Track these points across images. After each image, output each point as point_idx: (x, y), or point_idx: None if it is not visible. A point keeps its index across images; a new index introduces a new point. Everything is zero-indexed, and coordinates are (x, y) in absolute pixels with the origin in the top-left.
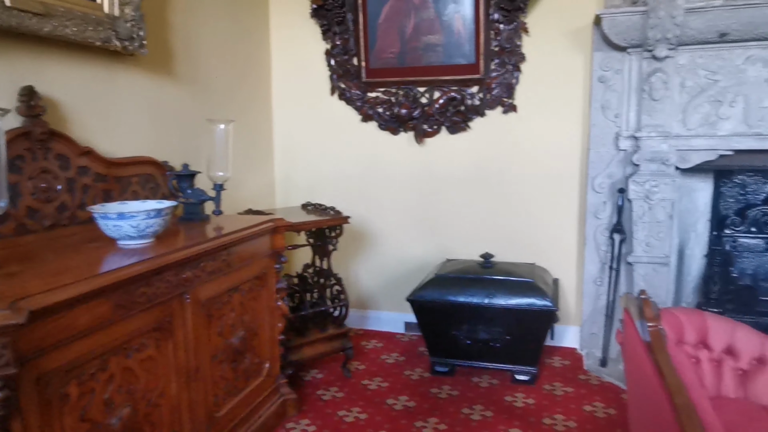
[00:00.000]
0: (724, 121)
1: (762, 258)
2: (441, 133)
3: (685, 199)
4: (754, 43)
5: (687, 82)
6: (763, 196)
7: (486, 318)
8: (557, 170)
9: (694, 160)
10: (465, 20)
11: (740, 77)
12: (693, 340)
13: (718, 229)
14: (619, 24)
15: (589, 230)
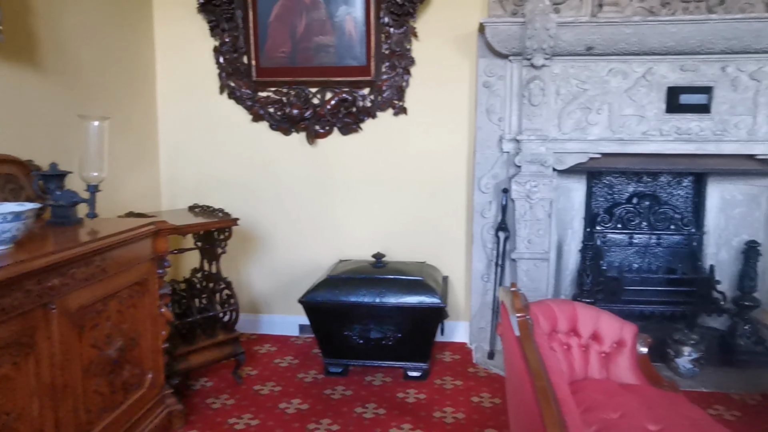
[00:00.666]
0: (592, 127)
1: (626, 251)
2: (333, 134)
3: (563, 199)
4: (615, 57)
5: (561, 90)
6: (627, 195)
7: (378, 317)
8: (446, 171)
9: (569, 162)
10: (356, 22)
11: (605, 87)
12: (565, 329)
13: (590, 225)
14: (501, 33)
15: (476, 229)
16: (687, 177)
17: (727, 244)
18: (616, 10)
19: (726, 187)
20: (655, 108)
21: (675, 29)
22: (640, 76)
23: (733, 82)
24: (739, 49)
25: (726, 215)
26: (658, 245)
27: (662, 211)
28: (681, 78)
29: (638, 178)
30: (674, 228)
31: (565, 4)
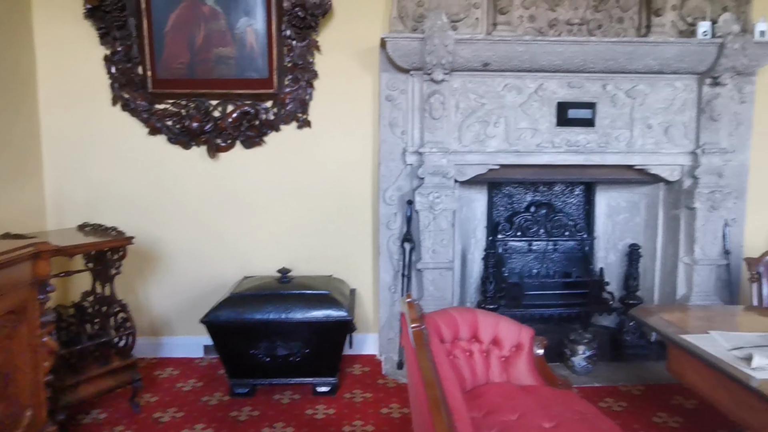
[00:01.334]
0: (490, 139)
1: (526, 258)
2: (236, 147)
3: (466, 209)
4: (510, 73)
5: (461, 104)
6: (525, 204)
7: (284, 333)
8: (351, 184)
9: (470, 173)
10: (258, 35)
11: (501, 101)
12: (467, 336)
13: (492, 234)
14: (402, 48)
15: (382, 240)
16: (578, 186)
17: (614, 248)
18: (509, 29)
19: (612, 195)
20: (547, 122)
21: (561, 49)
22: (532, 91)
23: (612, 98)
24: (616, 68)
25: (612, 221)
26: (554, 251)
27: (557, 219)
28: (569, 94)
29: (535, 187)
30: (568, 234)
31: (463, 22)
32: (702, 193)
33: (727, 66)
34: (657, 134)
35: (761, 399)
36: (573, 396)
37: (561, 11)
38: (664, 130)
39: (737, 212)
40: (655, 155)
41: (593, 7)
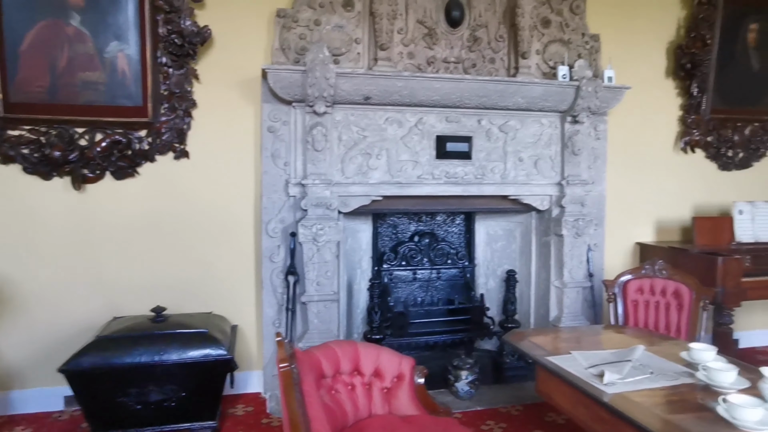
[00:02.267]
0: (373, 171)
1: (411, 287)
2: (105, 178)
3: (351, 239)
4: (390, 107)
5: (343, 136)
6: (409, 234)
7: (158, 377)
8: (232, 216)
9: (353, 204)
10: (130, 60)
11: (382, 134)
12: (349, 369)
13: (378, 264)
14: (283, 80)
15: (265, 274)
16: (459, 215)
17: (494, 274)
18: (390, 65)
19: (490, 224)
20: (427, 154)
21: (438, 85)
22: (413, 125)
23: (487, 133)
24: (489, 105)
25: (491, 248)
26: (438, 279)
27: (440, 248)
28: (447, 128)
29: (418, 217)
30: (451, 262)
31: (344, 56)
32: (568, 221)
33: (584, 106)
34: (528, 167)
35: (612, 413)
36: (453, 423)
37: (438, 50)
38: (534, 163)
39: (598, 238)
40: (526, 186)
41: (467, 47)
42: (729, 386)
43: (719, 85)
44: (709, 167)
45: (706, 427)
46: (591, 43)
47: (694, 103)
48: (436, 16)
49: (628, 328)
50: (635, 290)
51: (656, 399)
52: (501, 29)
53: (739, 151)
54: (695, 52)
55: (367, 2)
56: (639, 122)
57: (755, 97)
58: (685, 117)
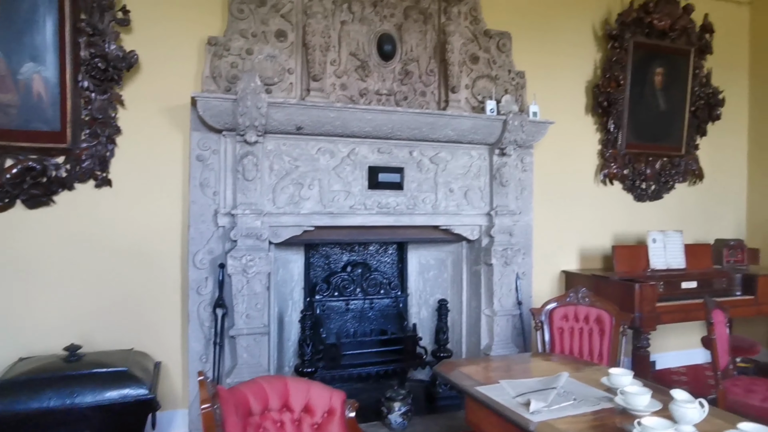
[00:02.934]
0: (305, 201)
1: (344, 318)
2: (16, 207)
3: (282, 270)
4: (323, 137)
5: (275, 166)
6: (342, 264)
7: (70, 422)
8: (157, 248)
9: (285, 235)
10: (48, 83)
11: (315, 164)
12: (277, 406)
13: (310, 295)
14: (213, 108)
15: (192, 307)
16: (391, 245)
17: (426, 303)
18: (322, 96)
19: (422, 253)
20: (359, 184)
21: (370, 117)
22: (345, 155)
23: (418, 164)
24: (420, 137)
25: (423, 278)
26: (371, 309)
27: (373, 278)
28: (379, 159)
29: (351, 247)
30: (383, 292)
31: (277, 86)
32: (497, 250)
33: (510, 139)
34: (458, 197)
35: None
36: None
37: (371, 82)
38: (464, 193)
39: (526, 266)
40: (457, 216)
41: (399, 80)
42: (644, 409)
43: (632, 122)
44: (626, 198)
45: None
46: (517, 80)
47: (611, 138)
48: (368, 49)
49: (554, 356)
50: (560, 317)
51: (579, 425)
52: (432, 64)
53: (651, 184)
54: (610, 91)
55: (301, 34)
56: (562, 155)
57: (663, 134)
58: (604, 151)
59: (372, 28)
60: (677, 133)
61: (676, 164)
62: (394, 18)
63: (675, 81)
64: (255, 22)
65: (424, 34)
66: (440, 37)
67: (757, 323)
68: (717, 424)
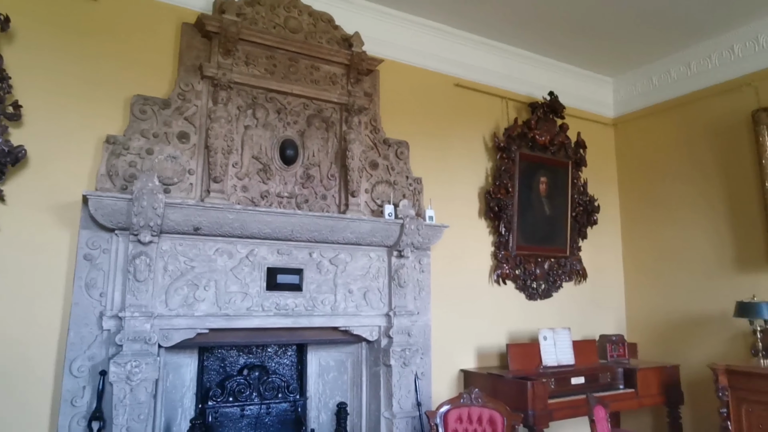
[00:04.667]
0: (200, 303)
1: (239, 425)
2: None
3: (173, 375)
4: (221, 238)
5: (169, 266)
6: (238, 367)
7: None
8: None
9: (176, 338)
10: None
11: (212, 265)
12: None
13: (202, 401)
14: (106, 207)
15: (63, 421)
16: (291, 347)
17: (326, 407)
18: (223, 197)
19: (322, 355)
20: (257, 286)
21: (270, 219)
22: (243, 256)
23: (318, 265)
24: (320, 239)
25: (323, 380)
26: (268, 414)
27: (270, 381)
28: (278, 260)
29: (248, 349)
30: (282, 396)
31: (176, 186)
32: (396, 350)
33: (408, 242)
34: (357, 298)
35: None
36: None
37: (273, 184)
38: (363, 294)
39: (425, 367)
40: (356, 317)
41: (301, 183)
42: None
43: (522, 226)
44: (519, 297)
45: None
46: (414, 185)
47: (503, 240)
48: (271, 153)
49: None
50: (455, 420)
51: None
52: (333, 168)
53: (541, 283)
54: (500, 197)
55: (203, 136)
56: (458, 257)
57: (550, 237)
58: (497, 252)
59: (275, 134)
60: (562, 236)
61: (562, 264)
62: (297, 125)
63: (557, 189)
64: (157, 123)
65: (326, 141)
66: (341, 144)
67: (641, 415)
68: None
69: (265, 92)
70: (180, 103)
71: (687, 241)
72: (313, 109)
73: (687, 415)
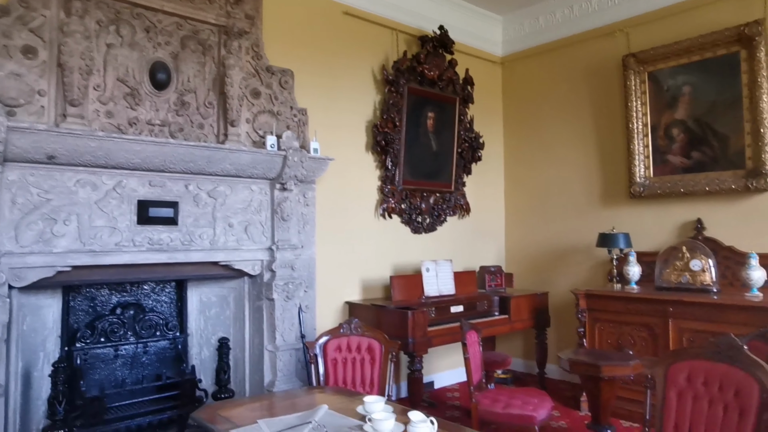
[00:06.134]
0: (59, 239)
1: (112, 366)
2: None
3: (31, 318)
4: (83, 168)
5: (18, 199)
6: (111, 306)
7: None
8: None
9: (31, 277)
10: None
11: (72, 197)
12: None
13: (69, 344)
14: None
15: None
16: (169, 283)
17: (208, 343)
18: (82, 123)
19: (203, 291)
20: (127, 220)
21: (139, 148)
22: (110, 188)
23: (195, 198)
24: (196, 170)
25: (205, 316)
26: (145, 353)
27: (147, 319)
28: (150, 192)
29: (122, 287)
30: (160, 334)
31: (24, 108)
32: (278, 284)
33: (291, 174)
34: (238, 232)
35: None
36: None
37: (142, 111)
38: (244, 228)
39: (309, 300)
40: (237, 251)
41: (175, 111)
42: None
43: (409, 161)
44: (404, 231)
45: None
46: (299, 116)
47: (389, 174)
48: (139, 76)
49: (327, 388)
50: (334, 349)
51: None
52: (211, 96)
53: (426, 217)
54: (388, 131)
55: (55, 53)
56: (344, 190)
57: (436, 173)
58: (383, 187)
59: (144, 55)
60: (447, 171)
61: (447, 199)
62: (169, 46)
63: (444, 125)
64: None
65: (202, 66)
66: (220, 69)
67: (514, 338)
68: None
69: (130, 6)
70: (22, 11)
71: (562, 179)
72: (188, 29)
73: (552, 336)
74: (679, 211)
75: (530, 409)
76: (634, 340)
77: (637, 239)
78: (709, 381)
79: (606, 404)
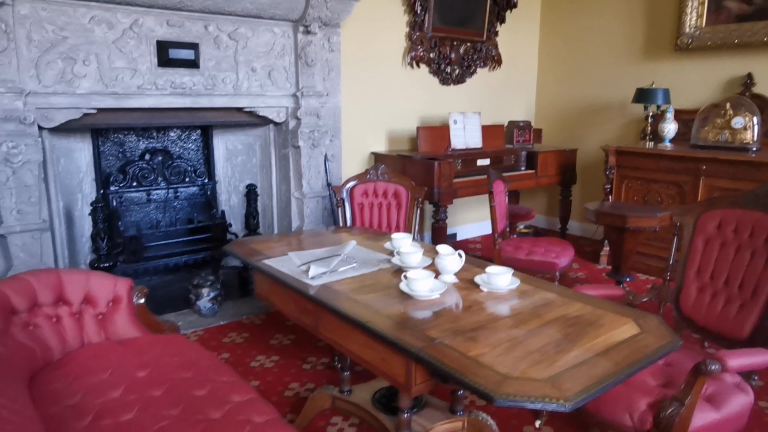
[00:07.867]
0: (81, 79)
1: (146, 209)
2: None
3: (65, 160)
4: (95, 3)
5: (34, 35)
6: (139, 152)
7: None
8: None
9: (59, 118)
10: None
11: (89, 36)
12: (50, 300)
13: (104, 187)
14: None
15: None
16: (195, 131)
17: (236, 190)
18: None
19: (229, 138)
20: (147, 62)
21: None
22: (127, 27)
23: (216, 40)
24: (215, 9)
25: (232, 164)
26: (176, 198)
27: (176, 165)
28: (169, 32)
29: (148, 133)
30: (189, 180)
31: None
32: (304, 132)
33: (315, 16)
34: (261, 77)
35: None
36: (176, 339)
37: None
38: (268, 73)
39: (335, 149)
40: (261, 98)
41: None
42: (416, 265)
43: (439, 5)
44: (432, 81)
45: (388, 301)
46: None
47: (418, 20)
48: None
49: (354, 228)
50: (361, 194)
51: (354, 285)
52: None
53: (455, 68)
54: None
55: None
56: (371, 36)
57: (467, 19)
58: (411, 33)
59: None
60: (480, 18)
61: (478, 49)
62: None
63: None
64: None
65: None
66: None
67: (538, 194)
68: (472, 270)
69: None
70: None
71: (602, 29)
72: None
73: (577, 193)
74: (729, 66)
75: (552, 256)
76: (662, 198)
77: (677, 96)
78: (740, 228)
79: (627, 255)
